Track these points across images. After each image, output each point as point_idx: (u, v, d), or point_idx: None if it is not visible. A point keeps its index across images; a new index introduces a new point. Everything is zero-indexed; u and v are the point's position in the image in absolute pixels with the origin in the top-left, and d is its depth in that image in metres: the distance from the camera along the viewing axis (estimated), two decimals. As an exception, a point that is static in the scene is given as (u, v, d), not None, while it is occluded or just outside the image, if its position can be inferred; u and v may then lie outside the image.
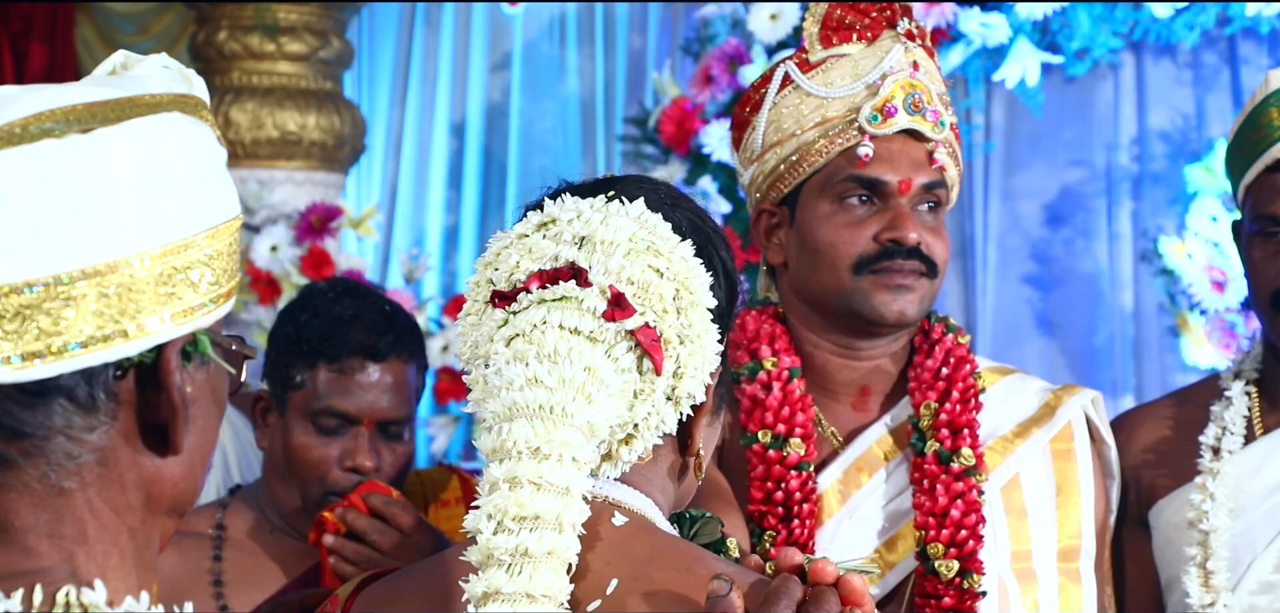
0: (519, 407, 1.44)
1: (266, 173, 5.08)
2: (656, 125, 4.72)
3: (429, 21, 5.94)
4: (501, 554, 1.40)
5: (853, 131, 2.31)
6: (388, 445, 2.59)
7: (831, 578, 1.43)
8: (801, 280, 2.36)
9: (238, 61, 5.10)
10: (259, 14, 5.04)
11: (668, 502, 1.59)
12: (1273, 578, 2.42)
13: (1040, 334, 5.31)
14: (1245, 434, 2.52)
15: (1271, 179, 2.47)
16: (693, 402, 1.53)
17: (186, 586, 2.55)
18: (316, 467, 2.56)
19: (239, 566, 2.59)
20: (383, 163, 5.92)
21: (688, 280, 1.52)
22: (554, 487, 1.42)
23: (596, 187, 1.58)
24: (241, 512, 2.67)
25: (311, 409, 2.55)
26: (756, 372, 2.34)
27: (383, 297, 2.71)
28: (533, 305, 1.48)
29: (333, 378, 2.55)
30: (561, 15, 5.86)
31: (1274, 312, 2.46)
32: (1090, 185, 5.24)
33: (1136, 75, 5.14)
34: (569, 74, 5.88)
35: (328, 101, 5.15)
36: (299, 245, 4.89)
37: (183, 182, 1.27)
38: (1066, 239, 5.26)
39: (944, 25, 4.49)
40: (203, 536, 2.63)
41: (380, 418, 2.57)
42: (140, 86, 1.27)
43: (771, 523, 2.26)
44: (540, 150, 5.89)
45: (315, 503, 2.56)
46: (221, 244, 1.30)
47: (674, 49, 5.36)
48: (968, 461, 2.29)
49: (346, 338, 2.55)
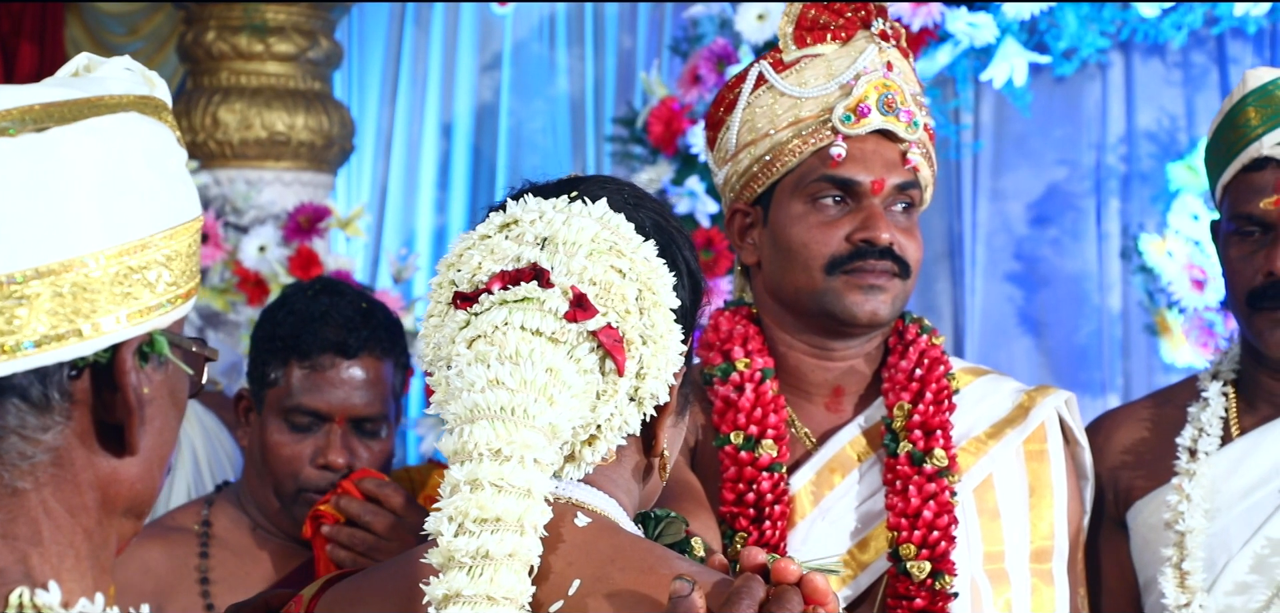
0: (480, 408, 1.44)
1: (254, 173, 5.07)
2: (644, 125, 4.72)
3: (419, 22, 5.94)
4: (462, 557, 1.40)
5: (826, 131, 2.31)
6: (363, 443, 2.59)
7: (794, 578, 1.43)
8: (775, 280, 2.36)
9: (226, 62, 5.10)
10: (247, 14, 5.04)
11: (632, 502, 1.59)
12: (1248, 579, 2.42)
13: (1028, 334, 5.31)
14: (1222, 435, 2.52)
15: (1248, 178, 2.47)
16: (656, 402, 1.53)
17: (173, 583, 2.56)
18: (289, 464, 2.56)
19: (226, 565, 2.60)
20: (372, 163, 5.92)
21: (650, 281, 1.52)
22: (515, 489, 1.42)
23: (559, 187, 1.58)
24: (227, 509, 2.67)
25: (284, 407, 2.56)
26: (729, 373, 2.34)
27: (361, 295, 2.70)
28: (494, 306, 1.48)
29: (305, 375, 2.55)
30: (551, 15, 5.86)
31: (1251, 311, 2.46)
32: (1078, 185, 5.24)
33: (1125, 75, 5.14)
34: (559, 74, 5.88)
35: (316, 102, 5.15)
36: (287, 246, 4.89)
37: (140, 182, 1.27)
38: (1054, 239, 5.27)
39: (931, 25, 4.49)
40: (189, 532, 2.64)
41: (353, 415, 2.57)
42: (101, 87, 1.27)
43: (743, 524, 2.26)
44: (530, 150, 5.89)
45: (289, 500, 2.56)
46: (180, 245, 1.29)
47: (662, 49, 5.37)
48: (940, 462, 2.30)
49: (318, 334, 2.55)
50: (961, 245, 5.28)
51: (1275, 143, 2.44)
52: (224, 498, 2.70)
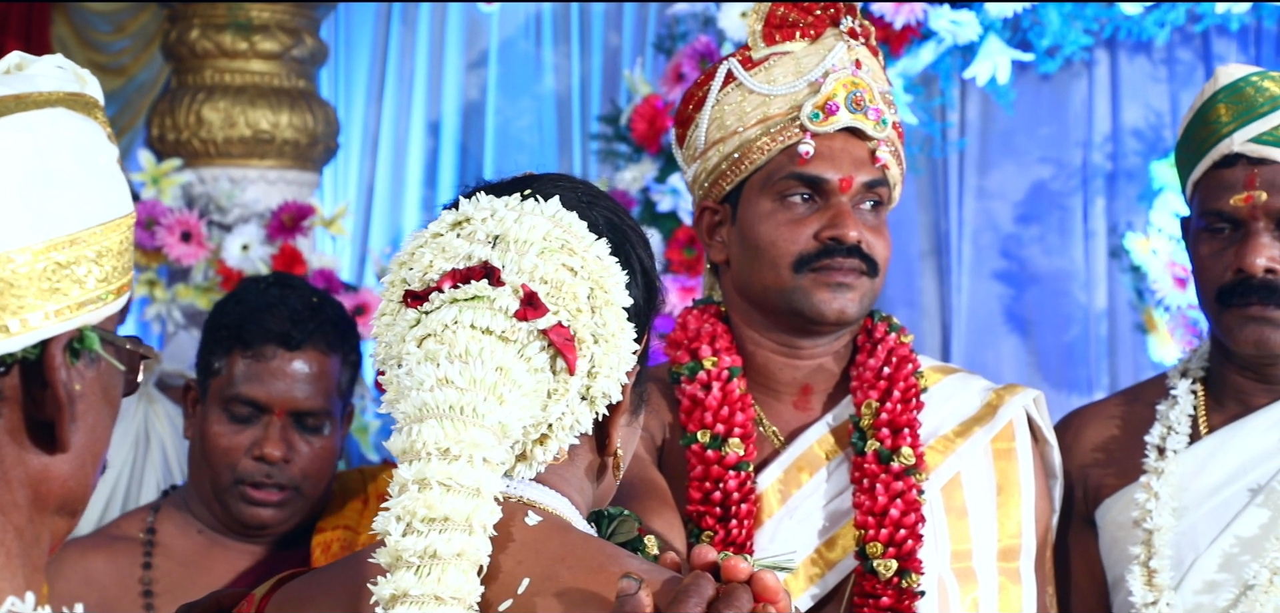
0: (429, 407, 1.44)
1: (239, 171, 5.07)
2: (628, 123, 4.72)
3: (405, 20, 5.94)
4: (410, 556, 1.40)
5: (794, 129, 2.30)
6: (303, 438, 2.56)
7: (745, 575, 1.43)
8: (743, 278, 2.36)
9: (210, 60, 5.09)
10: (231, 12, 5.03)
11: (585, 501, 1.58)
12: (1216, 577, 2.41)
13: (1015, 332, 5.31)
14: (1191, 433, 2.51)
15: (1219, 175, 2.46)
16: (608, 401, 1.53)
17: (116, 594, 2.52)
18: (226, 454, 2.54)
19: (171, 575, 2.56)
20: (359, 161, 5.92)
21: (602, 279, 1.51)
22: (464, 488, 1.42)
23: (512, 185, 1.58)
24: (173, 516, 2.64)
25: (225, 396, 2.54)
26: (696, 371, 2.33)
27: (314, 291, 2.67)
28: (445, 305, 1.48)
29: (247, 365, 2.53)
30: (537, 13, 5.86)
31: (1221, 308, 2.45)
32: (1065, 183, 5.24)
33: (1111, 73, 5.14)
34: (545, 72, 5.87)
35: (301, 100, 5.14)
36: (270, 244, 4.88)
37: (69, 178, 1.26)
38: (1040, 237, 5.26)
39: (914, 23, 4.49)
40: (133, 540, 2.60)
41: (294, 408, 2.55)
42: (30, 84, 1.27)
43: (709, 523, 2.26)
44: (517, 148, 5.89)
45: (225, 490, 2.54)
46: (111, 241, 1.29)
47: (646, 47, 5.36)
48: (908, 460, 2.29)
49: (263, 324, 2.53)
50: (948, 243, 5.28)
51: (1247, 139, 2.43)
52: (170, 504, 2.66)
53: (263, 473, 2.53)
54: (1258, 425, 2.47)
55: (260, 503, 2.55)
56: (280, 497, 2.56)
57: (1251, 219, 2.42)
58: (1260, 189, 2.42)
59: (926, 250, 5.34)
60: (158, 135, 5.16)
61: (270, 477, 2.54)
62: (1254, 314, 2.42)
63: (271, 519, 2.57)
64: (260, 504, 2.55)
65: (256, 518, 2.56)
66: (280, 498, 2.56)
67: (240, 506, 2.55)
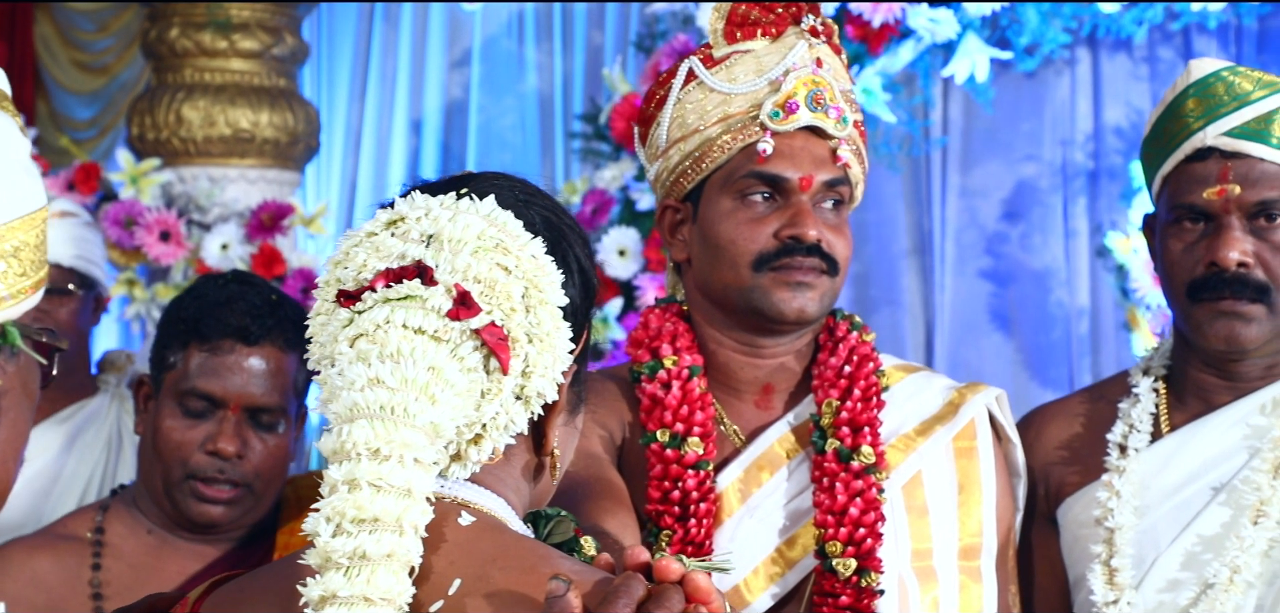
0: (360, 408, 1.43)
1: (219, 171, 5.06)
2: (608, 122, 4.72)
3: (388, 18, 5.94)
4: (339, 558, 1.39)
5: (754, 128, 2.29)
6: (258, 435, 2.54)
7: (676, 576, 1.42)
8: (704, 277, 2.35)
9: (190, 59, 5.09)
10: (211, 11, 5.03)
11: (522, 502, 1.57)
12: (1177, 575, 2.40)
13: (998, 330, 5.31)
14: (1153, 432, 2.50)
15: (1190, 169, 2.45)
16: (544, 401, 1.52)
17: (63, 595, 2.49)
18: (179, 449, 2.51)
19: (120, 576, 2.53)
20: (342, 160, 5.92)
21: (537, 278, 1.50)
22: (394, 489, 1.41)
23: (449, 184, 1.57)
24: (122, 515, 2.61)
25: (179, 390, 2.52)
26: (656, 370, 2.32)
27: (273, 289, 2.66)
28: (377, 305, 1.47)
29: (203, 359, 2.51)
30: (520, 12, 5.85)
31: (1191, 303, 2.44)
32: (1047, 181, 5.24)
33: (1093, 71, 5.14)
34: (528, 70, 5.87)
35: (281, 99, 5.14)
36: (250, 243, 4.88)
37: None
38: (1023, 235, 5.26)
39: (892, 21, 4.48)
40: (81, 541, 2.57)
41: (249, 404, 2.53)
42: None
43: (668, 523, 2.25)
44: (500, 147, 5.88)
45: (175, 485, 2.52)
46: (26, 236, 1.28)
47: (628, 45, 5.36)
48: (867, 459, 2.28)
49: (221, 319, 2.51)
50: (931, 242, 5.28)
51: (1220, 133, 2.42)
52: (120, 502, 2.63)
53: (215, 468, 2.51)
54: (1220, 424, 2.46)
55: (211, 500, 2.53)
56: (232, 494, 2.54)
57: (1224, 213, 2.41)
58: (1233, 183, 2.41)
59: (910, 249, 5.33)
60: (137, 134, 5.15)
61: (223, 473, 2.52)
62: (1225, 309, 2.41)
63: (221, 517, 2.54)
64: (211, 501, 2.53)
65: (206, 515, 2.54)
66: (231, 495, 2.54)
67: (190, 501, 2.53)
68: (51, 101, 6.25)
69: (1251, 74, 2.48)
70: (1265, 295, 2.41)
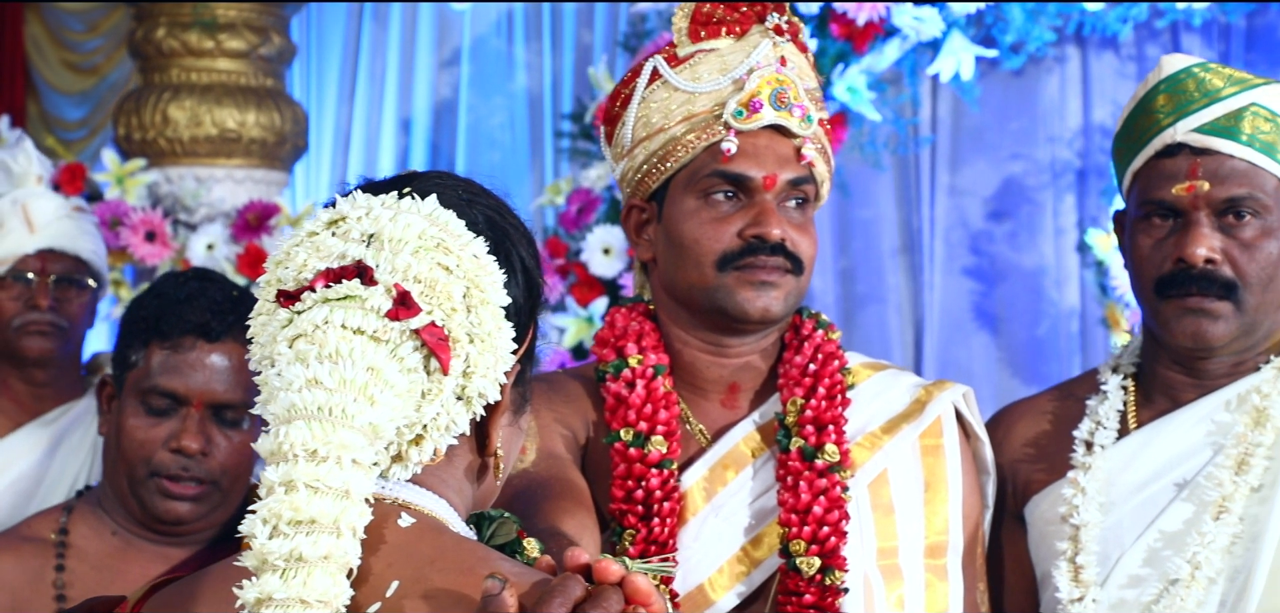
0: (297, 409, 1.42)
1: (205, 171, 5.06)
2: (593, 120, 4.71)
3: (377, 18, 5.93)
4: (275, 560, 1.38)
5: (718, 127, 2.29)
6: (222, 432, 2.53)
7: (616, 577, 1.41)
8: (669, 277, 2.34)
9: (176, 58, 5.08)
10: (197, 11, 5.02)
11: (465, 503, 1.57)
12: (1140, 572, 2.40)
13: (986, 329, 5.30)
14: (1119, 429, 2.49)
15: (1160, 165, 2.45)
16: (485, 401, 1.51)
17: (27, 596, 2.49)
18: (143, 447, 2.51)
19: (84, 578, 2.52)
20: (331, 159, 5.92)
21: (478, 278, 1.50)
22: (332, 490, 1.40)
23: (392, 184, 1.56)
24: (87, 516, 2.60)
25: (142, 388, 2.51)
26: (621, 369, 2.32)
27: (234, 284, 2.65)
28: (316, 305, 1.47)
29: (165, 357, 2.51)
30: (509, 12, 5.85)
31: (1159, 299, 2.44)
32: (1035, 179, 5.23)
33: (1081, 69, 5.14)
34: (517, 69, 5.87)
35: (268, 99, 5.13)
36: (236, 243, 4.87)
37: None
38: (1011, 234, 5.26)
39: (877, 20, 4.47)
40: (45, 542, 2.57)
41: (213, 401, 2.52)
42: None
43: (631, 522, 2.24)
44: (489, 146, 5.88)
45: (140, 484, 2.51)
46: None
47: (614, 44, 5.35)
48: (831, 457, 2.27)
49: (182, 316, 2.51)
50: (919, 241, 5.27)
51: (1189, 129, 2.42)
52: (84, 503, 2.63)
53: (180, 466, 2.51)
54: (1185, 421, 2.45)
55: (177, 497, 2.52)
56: (197, 491, 2.53)
57: (1193, 209, 2.41)
58: (1202, 179, 2.40)
59: (898, 248, 5.33)
60: (124, 135, 5.14)
61: (187, 470, 2.52)
62: (1192, 305, 2.41)
63: (188, 514, 2.54)
64: (177, 498, 2.52)
65: (172, 512, 2.53)
66: (197, 492, 2.53)
67: (156, 499, 2.52)
68: (42, 102, 6.26)
69: (1222, 70, 2.48)
70: (1232, 293, 2.40)
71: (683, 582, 2.27)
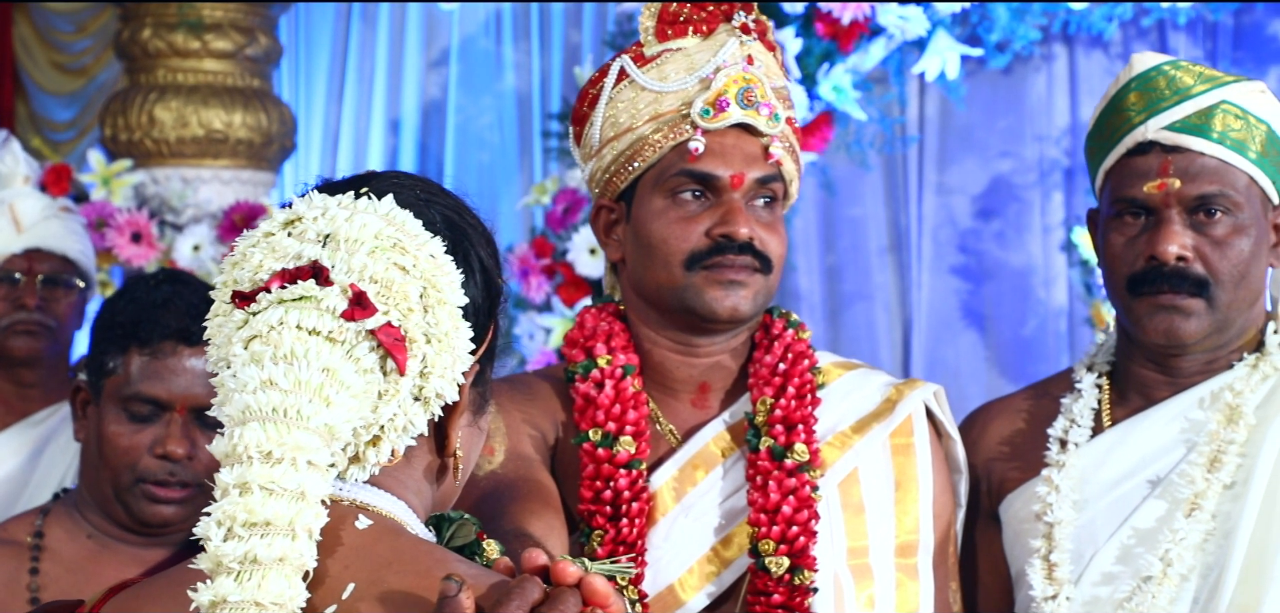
0: (252, 410, 1.42)
1: (192, 171, 5.06)
2: (572, 121, 4.72)
3: (365, 18, 5.94)
4: (230, 562, 1.38)
5: (685, 126, 2.29)
6: (205, 435, 2.53)
7: (574, 579, 1.41)
8: (638, 277, 2.34)
9: (162, 59, 5.08)
10: (183, 12, 5.02)
11: (424, 504, 1.57)
12: (1114, 569, 2.40)
13: (974, 327, 5.31)
14: (1093, 427, 2.50)
15: (1132, 163, 2.45)
16: (443, 402, 1.51)
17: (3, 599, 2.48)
18: (127, 454, 2.50)
19: (59, 581, 2.52)
20: (320, 160, 5.92)
21: (435, 278, 1.50)
22: (287, 492, 1.40)
23: (349, 184, 1.56)
24: (63, 519, 2.60)
25: (123, 395, 2.51)
26: (590, 369, 2.32)
27: (208, 285, 2.64)
28: (272, 306, 1.46)
29: (145, 363, 2.50)
30: (498, 12, 5.85)
31: (1131, 297, 2.44)
32: (1023, 178, 5.24)
33: (1069, 68, 5.14)
34: (506, 70, 5.87)
35: (255, 99, 5.13)
36: (222, 244, 4.88)
37: None
38: (999, 232, 5.26)
39: (862, 19, 4.48)
40: (20, 545, 2.56)
41: (195, 405, 2.52)
42: None
43: (600, 523, 2.24)
44: (477, 146, 5.88)
45: (126, 490, 2.52)
46: None
47: (601, 44, 5.36)
48: (801, 456, 2.27)
49: (159, 321, 2.50)
50: (907, 239, 5.28)
51: (1161, 127, 2.42)
52: (61, 507, 2.63)
53: (165, 471, 2.51)
54: (1158, 419, 2.45)
55: (164, 500, 2.53)
56: (184, 494, 2.54)
57: (1164, 207, 2.41)
58: (1174, 177, 2.41)
59: (886, 246, 5.33)
60: (110, 135, 5.14)
61: (174, 475, 2.52)
62: (1164, 303, 2.41)
63: (175, 516, 2.55)
64: (164, 501, 2.53)
65: (159, 515, 2.54)
66: (184, 495, 2.54)
67: (143, 504, 2.53)
68: (30, 103, 6.26)
69: (1193, 68, 2.48)
70: (1204, 290, 2.40)
71: (653, 582, 2.27)
